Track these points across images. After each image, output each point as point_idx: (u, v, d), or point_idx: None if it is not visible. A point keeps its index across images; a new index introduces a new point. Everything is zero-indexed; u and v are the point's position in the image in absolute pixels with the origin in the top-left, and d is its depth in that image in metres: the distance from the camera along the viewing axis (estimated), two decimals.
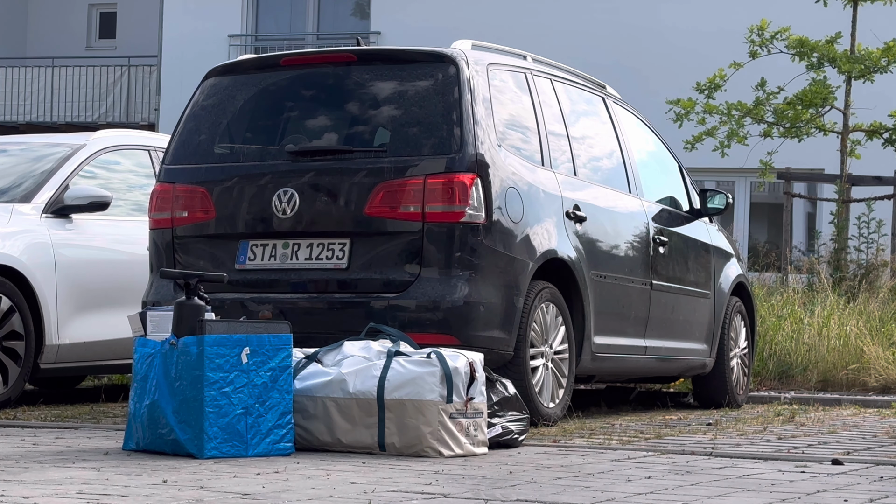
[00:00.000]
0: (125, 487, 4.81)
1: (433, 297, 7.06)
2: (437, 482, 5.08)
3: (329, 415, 6.16)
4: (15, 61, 30.26)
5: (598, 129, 8.84)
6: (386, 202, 7.14)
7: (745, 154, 17.19)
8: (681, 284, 9.14)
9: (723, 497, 4.79)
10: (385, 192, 7.15)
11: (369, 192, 7.17)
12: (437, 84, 7.34)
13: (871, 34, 16.61)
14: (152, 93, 28.21)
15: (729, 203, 9.76)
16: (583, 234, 7.96)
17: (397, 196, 7.13)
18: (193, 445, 5.85)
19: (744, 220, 22.68)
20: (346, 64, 7.60)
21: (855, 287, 13.98)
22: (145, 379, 6.08)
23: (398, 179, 7.14)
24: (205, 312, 6.08)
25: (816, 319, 11.66)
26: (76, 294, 8.47)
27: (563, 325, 7.71)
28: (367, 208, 7.17)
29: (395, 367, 6.12)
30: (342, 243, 7.25)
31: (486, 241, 7.16)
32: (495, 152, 7.33)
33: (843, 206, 16.14)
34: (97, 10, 32.25)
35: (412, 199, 7.11)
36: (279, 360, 6.05)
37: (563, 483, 5.10)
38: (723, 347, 9.68)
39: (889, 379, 10.80)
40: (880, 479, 5.38)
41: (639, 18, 23.22)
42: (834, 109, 16.19)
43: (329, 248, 7.28)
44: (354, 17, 26.41)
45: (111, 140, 9.25)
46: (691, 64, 20.45)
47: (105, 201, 8.58)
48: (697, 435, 7.35)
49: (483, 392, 6.23)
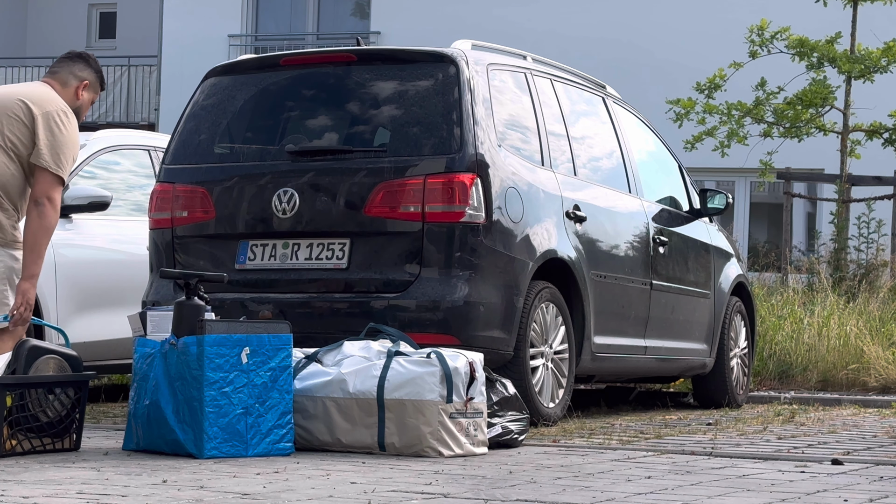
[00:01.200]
0: (125, 487, 4.81)
1: (433, 297, 7.06)
2: (437, 482, 5.09)
3: (329, 415, 6.16)
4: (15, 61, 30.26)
5: (598, 129, 8.84)
6: (386, 202, 7.14)
7: (745, 154, 17.18)
8: (681, 284, 9.14)
9: (723, 497, 4.79)
10: (385, 192, 7.15)
11: (369, 192, 7.18)
12: (438, 84, 7.34)
13: (871, 34, 16.60)
14: (152, 93, 28.21)
15: (729, 203, 9.76)
16: (583, 234, 7.96)
17: (397, 196, 7.13)
18: (193, 445, 5.85)
19: (744, 220, 22.68)
20: (346, 64, 7.60)
21: (855, 287, 13.97)
22: (145, 379, 6.08)
23: (398, 179, 7.14)
24: (205, 312, 6.09)
25: (816, 319, 11.66)
26: (76, 294, 8.47)
27: (563, 325, 7.71)
28: (367, 208, 7.17)
29: (395, 367, 6.12)
30: (342, 243, 7.25)
31: (486, 241, 7.16)
32: (495, 152, 7.33)
33: (843, 206, 16.14)
34: (97, 10, 32.25)
35: (412, 199, 7.11)
36: (279, 360, 6.05)
37: (563, 483, 5.10)
38: (723, 347, 9.68)
39: (889, 379, 10.80)
40: (880, 479, 5.38)
41: (639, 18, 23.21)
42: (834, 109, 16.18)
43: (329, 248, 7.28)
44: (354, 17, 26.40)
45: (111, 140, 9.25)
46: (691, 64, 20.45)
47: (105, 201, 8.58)
48: (697, 435, 7.35)
49: (483, 392, 6.23)
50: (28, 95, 6.20)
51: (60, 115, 6.17)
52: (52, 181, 6.12)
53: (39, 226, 6.08)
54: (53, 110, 6.17)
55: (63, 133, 6.15)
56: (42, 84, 6.31)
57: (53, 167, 6.11)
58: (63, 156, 6.14)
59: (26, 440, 5.90)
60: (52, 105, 6.18)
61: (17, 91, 6.26)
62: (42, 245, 6.10)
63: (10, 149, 6.12)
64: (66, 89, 6.31)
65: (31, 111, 6.14)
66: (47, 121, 6.14)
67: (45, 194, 6.11)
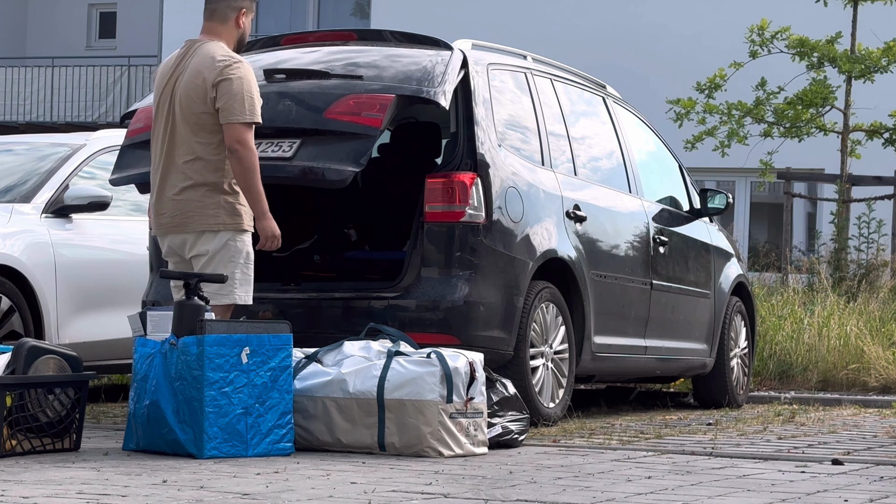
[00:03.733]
0: (125, 487, 4.81)
1: (433, 297, 7.06)
2: (437, 482, 5.08)
3: (329, 415, 6.16)
4: (15, 61, 30.27)
5: (598, 129, 8.83)
6: (349, 109, 6.95)
7: (746, 154, 17.18)
8: (681, 284, 9.14)
9: (723, 497, 4.79)
10: (353, 101, 6.98)
11: (335, 100, 7.01)
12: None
13: (872, 34, 16.60)
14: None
15: (729, 203, 9.76)
16: (583, 233, 7.96)
17: (364, 105, 6.93)
18: (193, 445, 5.85)
19: (744, 220, 22.67)
20: (345, 42, 7.63)
21: (855, 287, 13.97)
22: (145, 379, 6.08)
23: (367, 93, 6.94)
24: (205, 312, 6.08)
25: (816, 319, 11.65)
26: (76, 294, 8.46)
27: (563, 324, 7.71)
28: (328, 112, 6.98)
29: (395, 367, 6.12)
30: (292, 142, 7.07)
31: (486, 240, 7.16)
32: (495, 152, 7.33)
33: (843, 206, 16.14)
34: (97, 10, 32.26)
35: (377, 110, 6.89)
36: (279, 360, 6.05)
37: (563, 483, 5.10)
38: (723, 347, 9.68)
39: (889, 379, 10.79)
40: (880, 479, 5.38)
41: (639, 18, 23.22)
42: (834, 109, 16.18)
43: (278, 145, 7.11)
44: (354, 17, 26.42)
45: (111, 140, 9.24)
46: (691, 64, 20.45)
47: (105, 201, 8.58)
48: (697, 435, 7.35)
49: (483, 392, 6.23)
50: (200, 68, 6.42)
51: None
52: (241, 128, 6.35)
53: (242, 169, 6.35)
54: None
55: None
56: (205, 43, 6.47)
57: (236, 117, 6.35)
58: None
59: (26, 440, 5.90)
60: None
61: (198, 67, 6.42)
62: (253, 185, 6.37)
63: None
64: (227, 23, 6.54)
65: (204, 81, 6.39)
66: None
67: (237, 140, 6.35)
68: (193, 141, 6.42)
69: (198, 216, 6.42)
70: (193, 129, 6.42)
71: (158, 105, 6.57)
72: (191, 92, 6.40)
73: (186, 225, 6.45)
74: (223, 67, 6.35)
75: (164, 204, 6.50)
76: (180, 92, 6.45)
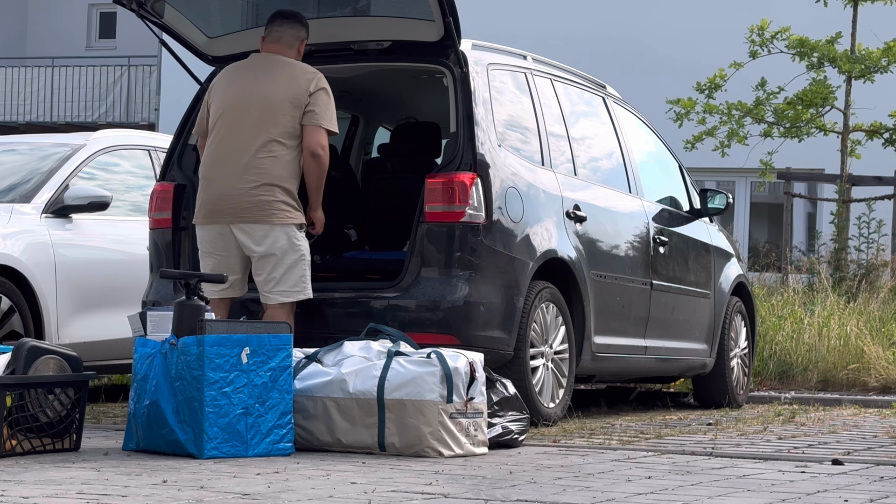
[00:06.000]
0: (125, 487, 4.81)
1: (433, 297, 7.06)
2: (437, 482, 5.08)
3: (329, 415, 6.16)
4: (15, 61, 30.28)
5: (598, 129, 8.84)
6: None
7: (746, 154, 17.18)
8: (681, 284, 9.14)
9: (723, 497, 4.79)
10: None
11: None
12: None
13: (872, 34, 16.60)
14: (152, 93, 28.22)
15: (729, 203, 9.76)
16: (583, 233, 7.96)
17: None
18: (193, 445, 5.85)
19: (744, 220, 22.67)
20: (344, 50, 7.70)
21: (855, 287, 13.97)
22: (145, 379, 6.08)
23: None
24: (205, 312, 6.09)
25: (816, 319, 11.66)
26: (76, 294, 8.46)
27: (563, 324, 7.71)
28: None
29: (395, 367, 6.12)
30: None
31: (486, 240, 7.16)
32: (495, 152, 7.33)
33: (843, 206, 16.14)
34: (97, 10, 32.27)
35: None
36: (279, 360, 6.05)
37: (563, 483, 5.10)
38: (723, 347, 9.68)
39: (889, 379, 10.80)
40: (880, 479, 5.38)
41: (639, 18, 23.22)
42: (834, 109, 16.18)
43: None
44: None
45: (111, 140, 9.25)
46: (691, 64, 20.45)
47: (105, 201, 8.58)
48: (697, 435, 7.35)
49: (483, 392, 6.23)
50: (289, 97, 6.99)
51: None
52: (325, 134, 6.98)
53: (320, 171, 6.99)
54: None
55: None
56: (282, 57, 7.07)
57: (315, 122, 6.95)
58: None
59: (26, 440, 5.90)
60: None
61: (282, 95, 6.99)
62: (322, 184, 7.07)
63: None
64: (291, 50, 7.14)
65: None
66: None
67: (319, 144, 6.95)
68: (274, 141, 6.91)
69: (273, 210, 6.88)
70: (277, 130, 6.90)
71: (228, 105, 7.01)
72: (284, 97, 6.91)
73: (262, 219, 6.88)
74: (319, 79, 6.95)
75: (235, 197, 6.89)
76: (271, 95, 6.92)
